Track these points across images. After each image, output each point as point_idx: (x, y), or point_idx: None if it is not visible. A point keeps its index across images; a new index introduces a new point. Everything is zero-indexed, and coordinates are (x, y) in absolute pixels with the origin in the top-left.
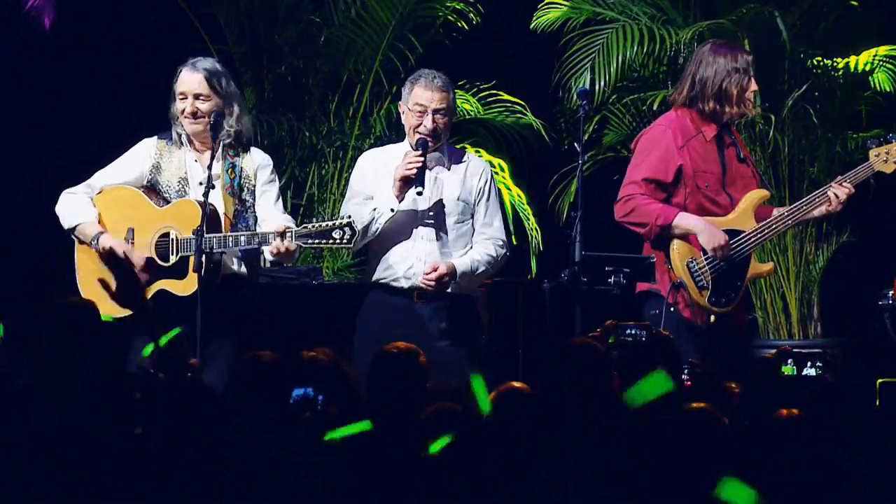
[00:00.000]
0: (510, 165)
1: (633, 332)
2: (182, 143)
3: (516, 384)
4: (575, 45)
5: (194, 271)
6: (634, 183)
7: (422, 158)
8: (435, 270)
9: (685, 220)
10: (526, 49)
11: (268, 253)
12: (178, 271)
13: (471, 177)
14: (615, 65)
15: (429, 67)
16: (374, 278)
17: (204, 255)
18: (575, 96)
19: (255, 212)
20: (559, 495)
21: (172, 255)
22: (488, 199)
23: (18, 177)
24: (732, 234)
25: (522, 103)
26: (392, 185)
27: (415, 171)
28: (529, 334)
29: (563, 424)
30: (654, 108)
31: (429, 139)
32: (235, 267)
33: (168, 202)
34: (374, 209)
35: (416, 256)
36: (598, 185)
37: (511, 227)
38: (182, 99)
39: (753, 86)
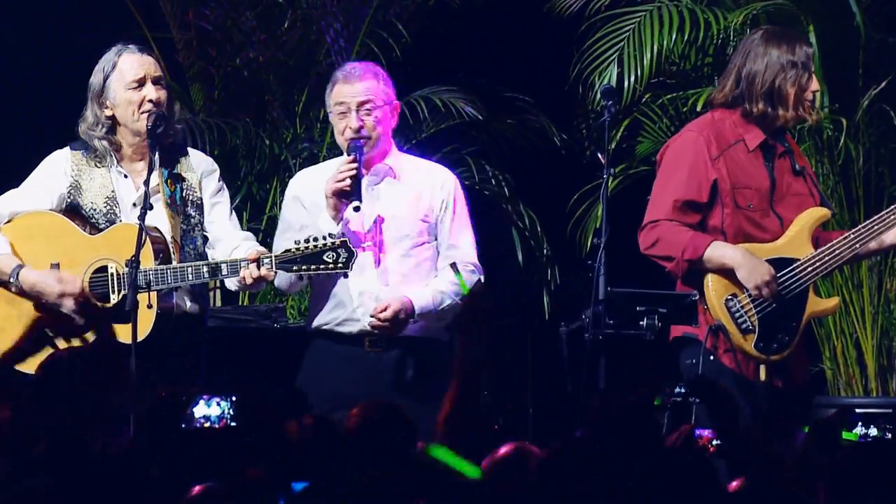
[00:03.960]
0: (519, 181)
1: (685, 390)
2: (106, 156)
3: (524, 446)
4: (599, 31)
5: (126, 310)
6: (660, 205)
7: (354, 165)
8: (386, 309)
9: (719, 252)
10: (538, 37)
11: (232, 283)
12: (122, 313)
13: (430, 188)
14: (649, 56)
15: (419, 58)
16: (315, 324)
17: (153, 293)
18: (599, 95)
19: (202, 230)
20: None
21: (113, 293)
22: (454, 214)
23: None
24: (783, 263)
25: (530, 100)
26: (326, 205)
27: (348, 180)
28: (541, 388)
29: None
30: (698, 109)
31: (361, 141)
32: (187, 304)
33: (98, 229)
34: (309, 239)
35: (365, 292)
36: (627, 205)
37: (520, 257)
38: (135, 88)
39: (815, 85)
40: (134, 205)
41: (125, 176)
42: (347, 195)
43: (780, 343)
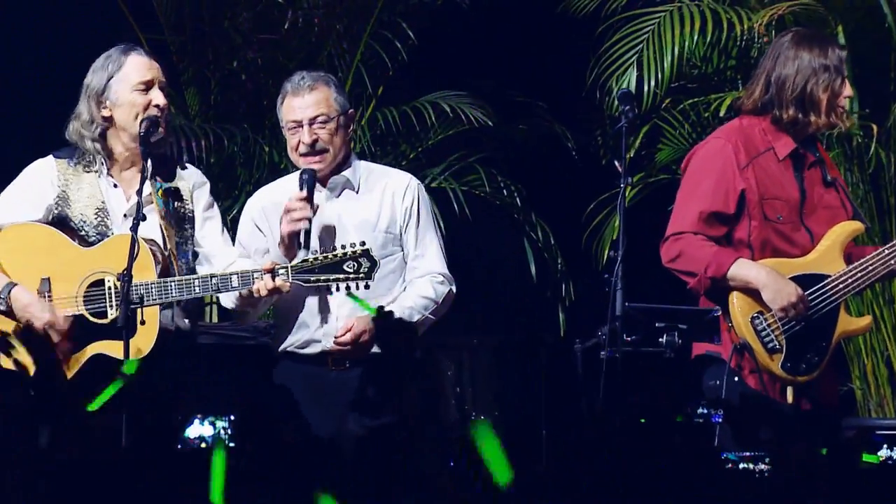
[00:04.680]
0: (531, 191)
1: (707, 411)
2: (95, 161)
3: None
4: (617, 32)
5: (118, 326)
6: (685, 216)
7: (307, 203)
8: (349, 331)
9: (744, 271)
10: (552, 39)
11: (230, 299)
12: (119, 328)
13: (392, 196)
14: (669, 58)
15: (426, 60)
16: (281, 347)
17: (155, 308)
18: (616, 100)
19: (194, 245)
20: None
21: (111, 308)
22: (418, 222)
23: None
24: (813, 279)
25: (543, 105)
26: (278, 243)
27: (304, 221)
28: (555, 409)
29: None
30: (721, 114)
31: (314, 170)
32: (179, 320)
33: (89, 242)
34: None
35: (328, 311)
36: (646, 216)
37: (532, 270)
38: (142, 91)
39: (848, 90)
40: (125, 216)
41: (115, 185)
42: (304, 234)
43: (809, 363)
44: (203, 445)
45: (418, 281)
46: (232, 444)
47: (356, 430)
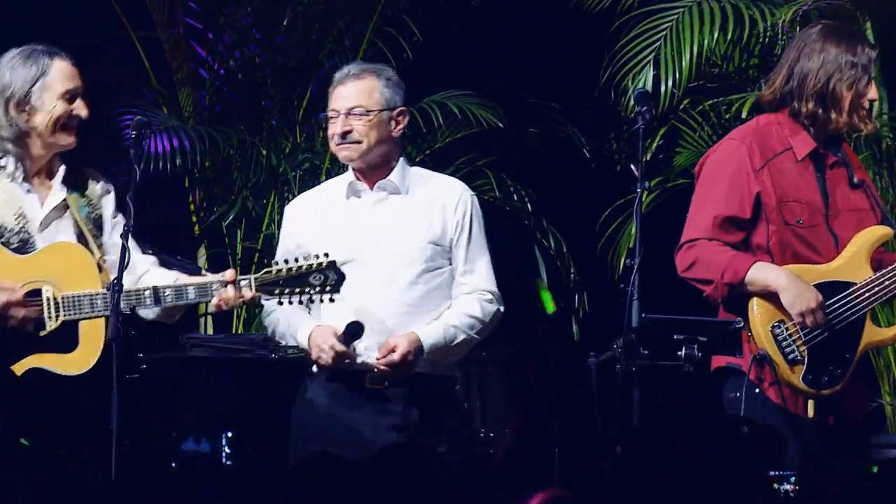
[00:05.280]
0: (543, 196)
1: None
2: (9, 165)
3: (555, 492)
4: (633, 29)
5: (110, 339)
6: (698, 223)
7: (339, 359)
8: (392, 351)
9: (762, 273)
10: (564, 36)
11: (150, 312)
12: (60, 341)
13: (442, 207)
14: (688, 57)
15: (433, 59)
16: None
17: (102, 320)
18: (632, 100)
19: (103, 252)
20: None
21: (50, 319)
22: (470, 235)
23: None
24: (837, 287)
25: (555, 106)
26: (308, 345)
27: (330, 363)
28: (568, 426)
29: None
30: (743, 115)
31: (363, 327)
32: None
33: (14, 249)
34: (291, 259)
35: (368, 326)
36: (664, 223)
37: (544, 277)
38: (67, 100)
39: (873, 92)
40: (41, 224)
41: (29, 191)
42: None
43: (832, 376)
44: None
45: (465, 298)
46: (229, 463)
47: (386, 450)
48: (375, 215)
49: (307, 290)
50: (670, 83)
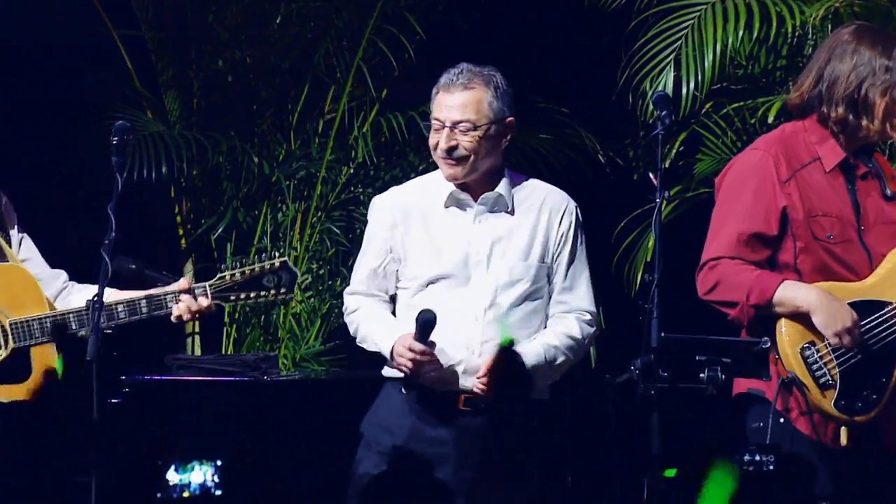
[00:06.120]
0: None
1: (755, 458)
2: None
3: None
4: (652, 28)
5: (89, 360)
6: (721, 240)
7: (419, 359)
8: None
9: (791, 293)
10: (578, 36)
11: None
12: (9, 370)
13: (548, 220)
14: (711, 57)
15: (436, 59)
16: (398, 373)
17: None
18: (651, 104)
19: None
20: None
21: (1, 347)
22: (572, 251)
23: None
24: (871, 307)
25: (568, 111)
26: (389, 354)
27: (410, 371)
28: (582, 452)
29: None
30: (769, 120)
31: (435, 317)
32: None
33: None
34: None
35: (465, 345)
36: (684, 235)
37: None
38: None
39: None
40: None
41: None
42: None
43: (866, 402)
44: (186, 495)
45: (565, 318)
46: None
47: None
48: (480, 231)
49: (262, 293)
50: (692, 85)
